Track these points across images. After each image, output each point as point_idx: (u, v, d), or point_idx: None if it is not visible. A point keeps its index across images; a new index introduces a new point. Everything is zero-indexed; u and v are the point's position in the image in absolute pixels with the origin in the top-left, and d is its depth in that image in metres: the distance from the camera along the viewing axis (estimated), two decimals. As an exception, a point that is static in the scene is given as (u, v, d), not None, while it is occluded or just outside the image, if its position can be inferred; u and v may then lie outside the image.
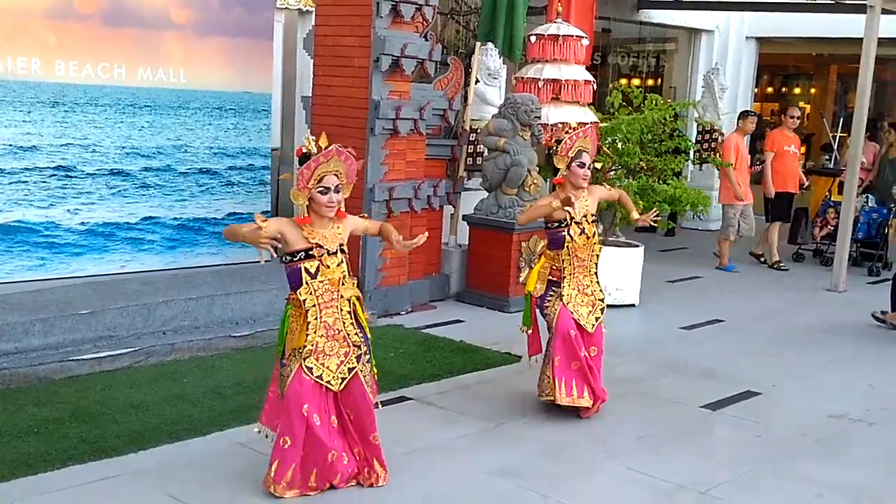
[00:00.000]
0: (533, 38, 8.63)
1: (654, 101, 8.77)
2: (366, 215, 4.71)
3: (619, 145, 8.54)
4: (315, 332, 4.33)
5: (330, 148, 4.25)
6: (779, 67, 17.74)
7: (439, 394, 6.04)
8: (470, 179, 9.17)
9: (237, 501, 4.35)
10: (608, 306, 8.37)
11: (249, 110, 8.55)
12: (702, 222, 14.27)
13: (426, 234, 4.63)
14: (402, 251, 4.56)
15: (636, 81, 16.10)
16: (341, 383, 4.42)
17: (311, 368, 4.33)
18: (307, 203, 4.28)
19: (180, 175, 8.06)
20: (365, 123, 7.67)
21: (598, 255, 5.69)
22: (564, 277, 5.55)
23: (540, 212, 5.53)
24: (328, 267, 4.32)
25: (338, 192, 4.29)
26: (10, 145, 7.16)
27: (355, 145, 7.69)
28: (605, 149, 8.53)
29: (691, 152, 12.51)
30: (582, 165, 5.47)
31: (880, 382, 6.81)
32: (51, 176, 7.38)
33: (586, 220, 5.56)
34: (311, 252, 4.31)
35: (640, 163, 8.59)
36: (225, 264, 8.02)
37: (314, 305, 4.32)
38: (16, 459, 4.59)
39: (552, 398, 5.52)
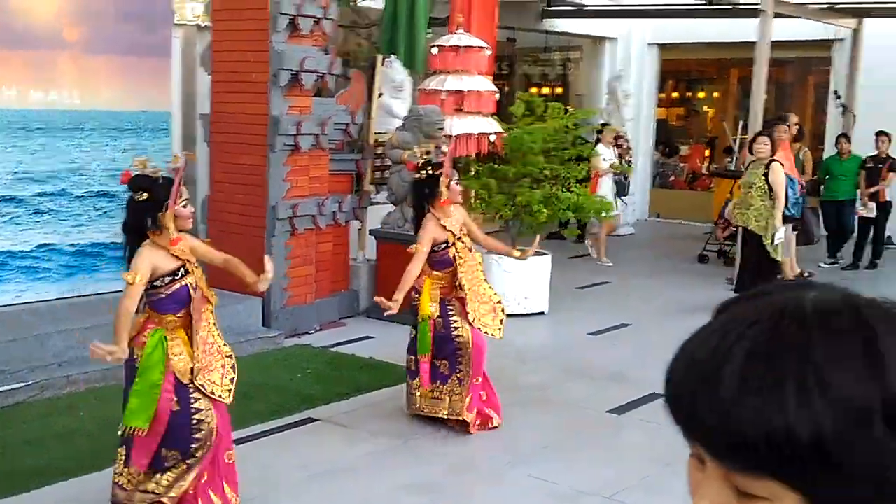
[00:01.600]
0: (435, 50, 8.63)
1: (555, 110, 8.87)
2: (208, 240, 4.63)
3: (525, 154, 8.58)
4: (198, 349, 4.21)
5: (183, 159, 4.24)
6: (681, 73, 18.13)
7: (347, 413, 5.98)
8: (378, 193, 9.12)
9: (133, 536, 4.22)
10: (515, 315, 8.57)
11: (148, 129, 8.33)
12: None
13: (271, 265, 4.57)
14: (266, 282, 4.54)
15: (546, 90, 16.28)
16: (230, 395, 4.32)
17: (204, 386, 4.21)
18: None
19: (76, 199, 7.81)
20: (265, 140, 7.56)
21: (481, 263, 5.81)
22: (466, 293, 5.58)
23: (415, 270, 5.58)
24: (199, 279, 4.27)
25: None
26: None
27: (256, 162, 7.72)
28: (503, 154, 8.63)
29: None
30: (458, 182, 5.76)
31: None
32: (-61, 206, 7.09)
33: (462, 233, 5.69)
34: (187, 268, 4.22)
35: (545, 171, 8.65)
36: (126, 290, 7.80)
37: (196, 321, 4.21)
38: None
39: (457, 415, 5.55)
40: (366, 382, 6.56)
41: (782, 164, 8.54)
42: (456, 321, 5.61)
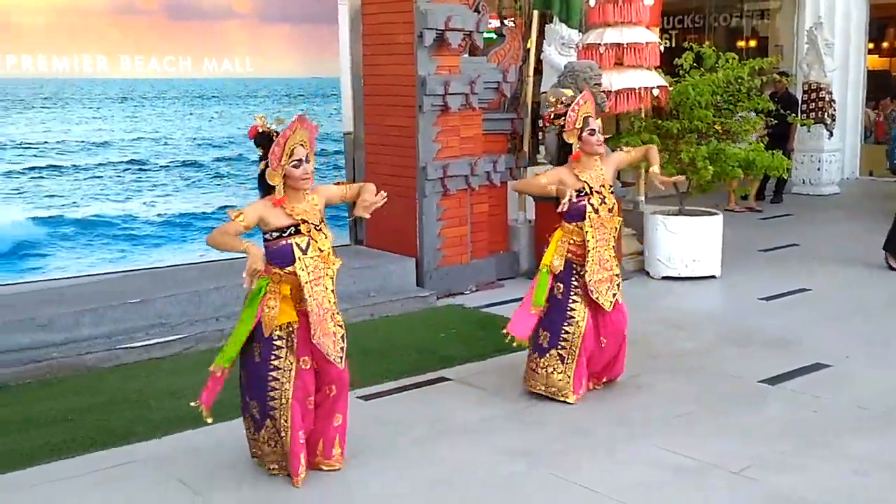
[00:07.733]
0: (592, 2, 8.27)
1: (727, 60, 8.28)
2: (342, 181, 4.56)
3: (692, 109, 8.08)
4: (312, 311, 4.21)
5: (293, 119, 4.15)
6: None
7: (480, 374, 5.89)
8: (538, 153, 8.92)
9: (242, 485, 4.35)
10: (682, 278, 8.15)
11: (318, 95, 8.57)
12: (813, 187, 13.50)
13: (384, 194, 4.41)
14: (368, 211, 4.36)
15: (741, 43, 15.34)
16: (342, 361, 4.33)
17: (321, 344, 4.24)
18: (283, 182, 4.17)
19: (253, 164, 8.08)
20: (414, 101, 7.54)
21: (617, 229, 5.43)
22: (588, 252, 5.24)
23: (532, 189, 5.37)
24: (317, 241, 4.23)
25: (307, 161, 4.19)
26: (83, 142, 7.39)
27: (406, 123, 7.73)
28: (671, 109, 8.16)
29: (800, 116, 11.78)
30: (592, 133, 5.26)
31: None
32: (125, 170, 7.58)
33: (605, 190, 5.32)
34: (298, 228, 4.21)
35: (715, 125, 8.12)
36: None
37: (307, 282, 4.18)
38: (42, 447, 4.72)
39: (563, 396, 5.32)
40: (507, 344, 6.40)
41: None
42: (577, 297, 5.28)
